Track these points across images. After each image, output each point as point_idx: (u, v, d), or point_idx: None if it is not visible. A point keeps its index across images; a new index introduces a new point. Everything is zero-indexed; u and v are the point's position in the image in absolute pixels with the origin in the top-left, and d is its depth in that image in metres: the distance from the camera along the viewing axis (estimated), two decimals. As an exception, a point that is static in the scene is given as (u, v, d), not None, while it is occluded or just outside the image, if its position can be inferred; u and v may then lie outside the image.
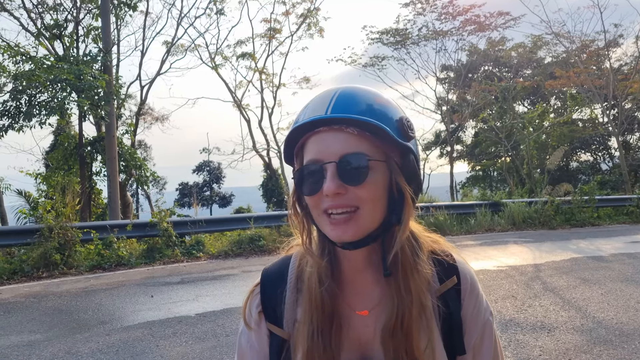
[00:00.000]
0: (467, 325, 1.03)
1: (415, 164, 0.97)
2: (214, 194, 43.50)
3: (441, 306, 1.00)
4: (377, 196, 0.93)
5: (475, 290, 1.05)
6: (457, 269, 1.03)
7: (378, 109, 0.94)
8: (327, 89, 1.00)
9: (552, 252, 10.31)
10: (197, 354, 4.89)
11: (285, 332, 1.02)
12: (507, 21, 24.65)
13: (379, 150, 0.94)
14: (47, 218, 9.78)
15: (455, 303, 1.02)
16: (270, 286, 1.07)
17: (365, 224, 0.93)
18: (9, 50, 12.45)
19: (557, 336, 5.22)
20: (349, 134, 0.92)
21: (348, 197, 0.91)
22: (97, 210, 17.27)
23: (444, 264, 1.03)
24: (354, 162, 0.91)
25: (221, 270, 9.33)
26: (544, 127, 24.55)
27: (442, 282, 1.02)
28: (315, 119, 0.93)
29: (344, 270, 1.02)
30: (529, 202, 15.75)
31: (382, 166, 0.93)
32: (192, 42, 21.97)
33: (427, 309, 0.98)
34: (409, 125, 0.96)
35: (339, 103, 0.94)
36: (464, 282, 1.03)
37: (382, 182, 0.94)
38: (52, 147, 19.55)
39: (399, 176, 0.94)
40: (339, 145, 0.92)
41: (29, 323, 6.12)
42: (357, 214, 0.92)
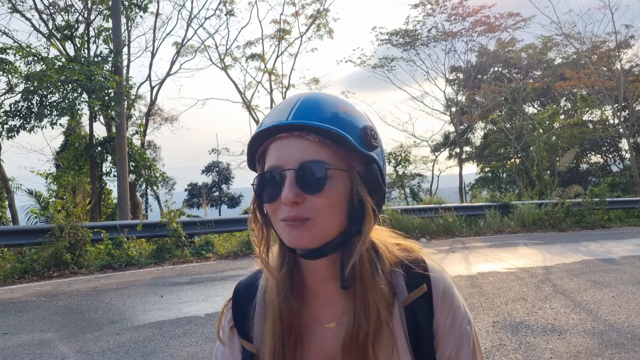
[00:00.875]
0: (440, 336, 0.98)
1: (379, 174, 0.95)
2: (222, 194, 43.63)
3: (409, 317, 0.97)
4: (335, 205, 0.90)
5: (449, 299, 0.99)
6: (427, 277, 0.99)
7: (341, 117, 0.93)
8: (293, 95, 0.99)
9: (563, 254, 10.25)
10: (207, 354, 4.90)
11: (254, 347, 1.01)
12: (517, 22, 24.56)
13: (340, 159, 0.91)
14: (58, 218, 9.85)
15: (426, 313, 0.97)
16: (241, 300, 1.06)
17: (321, 232, 0.90)
18: (21, 51, 12.54)
19: (568, 339, 5.18)
20: (310, 141, 0.91)
21: (305, 207, 0.89)
22: (107, 210, 17.38)
23: (414, 274, 0.99)
24: (313, 170, 0.89)
25: (230, 271, 9.35)
26: (554, 128, 24.40)
27: (411, 292, 0.98)
28: (275, 124, 0.92)
29: (308, 282, 1.00)
30: (539, 203, 15.67)
31: (342, 175, 0.91)
32: (201, 43, 22.06)
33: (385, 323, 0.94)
34: (372, 135, 0.94)
35: (301, 109, 0.92)
36: (436, 290, 0.98)
37: (342, 192, 0.91)
38: (62, 148, 19.69)
39: (360, 186, 0.92)
40: (298, 153, 0.90)
41: (40, 322, 6.15)
42: (310, 223, 0.89)
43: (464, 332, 0.99)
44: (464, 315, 1.01)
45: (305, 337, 0.98)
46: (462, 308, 1.01)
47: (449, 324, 0.98)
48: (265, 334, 0.98)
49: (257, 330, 1.01)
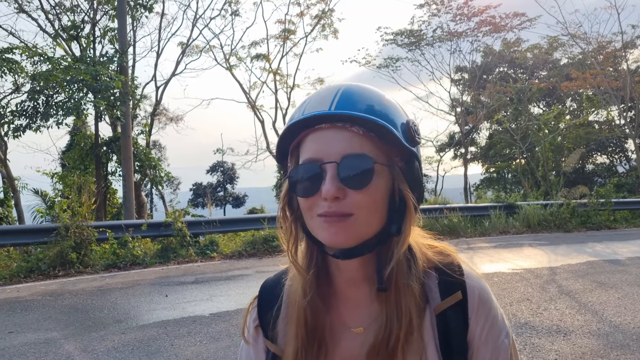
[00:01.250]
0: (475, 348, 0.92)
1: (419, 172, 0.91)
2: (227, 194, 43.71)
3: (441, 325, 0.91)
4: (377, 202, 0.86)
5: (486, 308, 0.93)
6: (463, 284, 0.92)
7: (385, 110, 0.88)
8: (331, 84, 0.94)
9: (568, 255, 10.21)
10: (212, 353, 4.91)
11: (278, 349, 0.97)
12: (522, 22, 24.53)
13: (382, 153, 0.87)
14: (64, 217, 9.88)
15: (459, 322, 0.91)
16: (267, 300, 1.02)
17: (360, 231, 0.85)
18: (27, 51, 12.60)
19: (573, 340, 5.16)
20: (353, 133, 0.85)
21: (346, 202, 0.84)
22: (112, 209, 17.44)
23: (449, 279, 0.93)
24: (358, 164, 0.84)
25: (235, 271, 9.36)
26: (559, 129, 24.34)
27: (444, 299, 0.92)
28: (317, 114, 0.86)
29: (337, 284, 0.95)
30: (544, 204, 15.63)
31: (385, 171, 0.87)
32: (207, 43, 22.16)
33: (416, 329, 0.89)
34: (415, 130, 0.90)
35: (344, 99, 0.87)
36: (472, 298, 0.92)
37: (384, 188, 0.87)
38: (68, 147, 19.79)
39: (402, 183, 0.88)
40: (341, 145, 0.85)
41: (46, 321, 6.18)
42: (351, 219, 0.84)
43: (501, 346, 0.92)
44: (502, 327, 0.94)
45: (330, 341, 0.94)
46: (500, 319, 0.95)
47: (485, 335, 0.92)
48: (288, 337, 0.94)
49: (281, 332, 0.97)
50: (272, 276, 1.06)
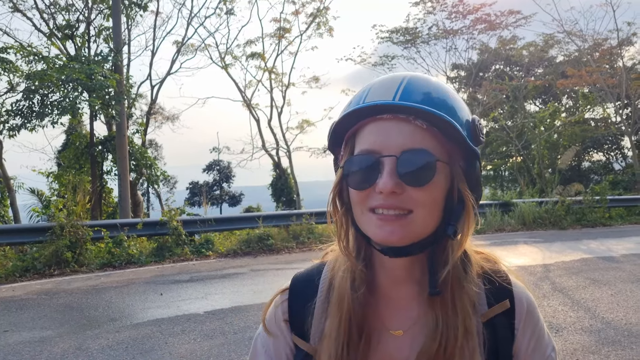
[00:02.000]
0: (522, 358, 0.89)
1: (479, 172, 0.87)
2: (223, 193, 43.69)
3: (487, 333, 0.87)
4: (435, 201, 0.81)
5: (534, 320, 0.91)
6: (511, 292, 0.90)
7: (451, 105, 0.83)
8: (392, 74, 0.88)
9: (562, 253, 10.26)
10: (205, 351, 4.93)
11: (311, 347, 0.91)
12: (518, 20, 24.58)
13: (444, 150, 0.82)
14: (59, 216, 9.89)
15: (506, 332, 0.88)
16: (299, 294, 0.96)
17: (416, 230, 0.81)
18: (22, 50, 12.58)
19: (565, 336, 5.21)
20: (417, 126, 0.81)
21: (403, 198, 0.80)
22: (108, 209, 17.43)
23: (496, 286, 0.89)
24: (418, 160, 0.79)
25: (230, 269, 9.38)
26: (555, 126, 24.39)
27: (491, 306, 0.89)
28: (380, 103, 0.81)
29: (380, 282, 0.91)
30: (540, 202, 15.67)
31: (446, 169, 0.82)
32: (202, 41, 22.10)
33: (472, 335, 0.85)
34: (480, 129, 0.86)
35: (410, 90, 0.82)
36: (519, 308, 0.89)
37: (443, 187, 0.82)
38: (63, 146, 19.74)
39: (462, 182, 0.84)
40: (402, 138, 0.80)
41: (41, 320, 6.19)
42: (409, 218, 0.80)
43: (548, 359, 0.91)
44: (548, 341, 0.92)
45: (373, 341, 0.89)
46: (546, 332, 0.93)
47: (532, 348, 0.90)
48: (328, 334, 0.89)
49: (315, 329, 0.92)
50: (304, 270, 1.01)
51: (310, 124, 23.79)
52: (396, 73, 0.88)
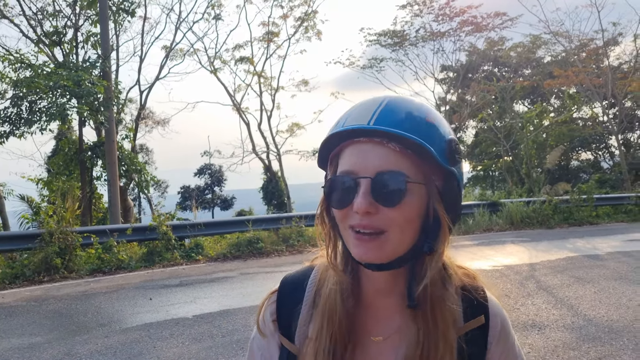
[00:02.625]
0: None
1: (458, 191, 0.90)
2: (215, 196, 43.58)
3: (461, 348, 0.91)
4: (409, 220, 0.85)
5: (505, 336, 0.96)
6: (486, 308, 0.94)
7: (426, 127, 0.87)
8: (375, 97, 0.92)
9: (549, 251, 10.39)
10: (194, 354, 4.99)
11: (295, 347, 0.96)
12: (504, 22, 24.76)
13: (419, 171, 0.86)
14: (49, 223, 9.91)
15: (480, 346, 0.93)
16: (287, 296, 1.00)
17: (391, 248, 0.86)
18: (8, 58, 12.59)
19: (547, 334, 5.30)
20: (390, 149, 0.85)
21: (378, 218, 0.84)
22: (98, 214, 17.41)
23: (473, 302, 0.94)
24: (391, 181, 0.83)
25: (219, 273, 9.43)
26: (543, 126, 24.59)
27: (467, 321, 0.93)
28: (356, 127, 0.86)
29: (366, 291, 0.95)
30: (527, 201, 15.82)
31: (420, 189, 0.86)
32: (191, 46, 22.23)
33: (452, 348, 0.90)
34: (456, 149, 0.88)
35: (385, 114, 0.86)
36: (493, 324, 0.94)
37: (418, 206, 0.86)
38: (53, 152, 19.72)
39: (437, 202, 0.87)
40: (378, 161, 0.85)
41: (30, 326, 6.23)
42: (384, 237, 0.85)
43: None
44: (517, 355, 0.98)
45: (357, 349, 0.94)
46: (517, 347, 0.98)
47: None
48: (313, 337, 0.93)
49: (300, 332, 0.96)
50: (294, 272, 1.05)
51: (300, 127, 23.87)
52: (378, 96, 0.92)
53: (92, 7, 15.30)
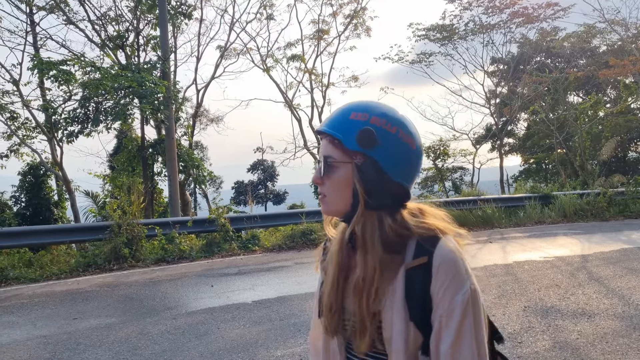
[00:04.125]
0: (435, 301, 1.16)
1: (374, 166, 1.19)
2: (268, 191, 44.36)
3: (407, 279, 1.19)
4: (338, 189, 1.22)
5: (445, 271, 1.16)
6: (431, 252, 1.18)
7: (346, 122, 1.22)
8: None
9: (602, 244, 10.28)
10: (254, 335, 5.37)
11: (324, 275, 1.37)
12: (556, 12, 24.17)
13: (345, 154, 1.21)
14: (114, 216, 10.57)
15: (422, 278, 1.18)
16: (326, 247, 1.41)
17: (331, 207, 1.25)
18: (79, 62, 13.39)
19: (596, 322, 5.36)
20: (327, 141, 1.24)
21: (323, 187, 1.25)
22: (159, 208, 18.20)
23: (423, 247, 1.20)
24: (325, 162, 1.23)
25: (275, 262, 9.83)
26: (597, 117, 23.89)
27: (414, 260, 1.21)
28: (316, 130, 1.30)
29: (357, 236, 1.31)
30: (581, 194, 15.55)
31: (346, 167, 1.21)
32: (244, 46, 22.68)
33: (387, 272, 1.20)
34: (368, 135, 1.18)
35: (330, 119, 1.25)
36: (435, 262, 1.17)
37: (346, 179, 1.21)
38: (116, 150, 20.65)
39: (355, 176, 1.20)
40: (323, 149, 1.25)
41: (105, 309, 6.77)
42: (326, 199, 1.25)
43: (456, 303, 1.14)
44: (459, 287, 1.16)
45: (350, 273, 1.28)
46: (460, 280, 1.16)
47: (443, 291, 1.16)
48: (328, 270, 1.32)
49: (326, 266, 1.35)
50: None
51: (350, 122, 24.04)
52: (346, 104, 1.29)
53: (152, 12, 15.97)
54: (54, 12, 16.14)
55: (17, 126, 14.53)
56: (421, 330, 1.18)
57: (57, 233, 10.69)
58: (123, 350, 5.06)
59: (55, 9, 16.04)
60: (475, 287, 1.18)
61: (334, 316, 1.29)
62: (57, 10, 16.09)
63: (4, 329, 6.02)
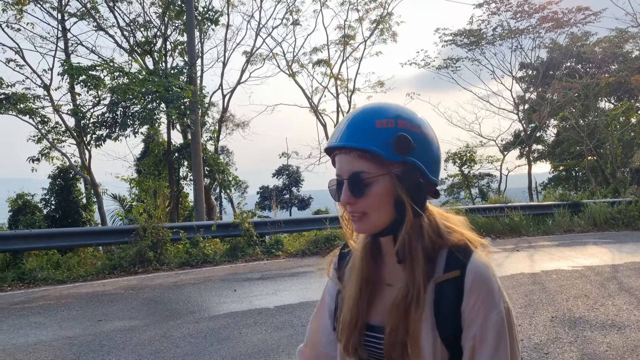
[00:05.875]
0: (466, 318, 1.12)
1: (417, 172, 1.15)
2: (293, 197, 44.46)
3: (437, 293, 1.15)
4: (381, 204, 1.15)
5: (479, 287, 1.13)
6: (464, 265, 1.14)
7: (375, 132, 1.14)
8: (348, 114, 1.24)
9: (633, 253, 10.01)
10: (276, 340, 5.34)
11: (341, 285, 1.33)
12: (587, 16, 23.75)
13: (379, 166, 1.14)
14: (141, 219, 10.70)
15: (453, 294, 1.14)
16: (343, 254, 1.37)
17: (373, 224, 1.17)
18: (108, 67, 13.64)
19: (627, 334, 5.21)
20: (353, 157, 1.15)
21: (358, 205, 1.16)
22: (184, 212, 18.39)
23: (455, 259, 1.16)
24: (357, 179, 1.14)
25: (298, 268, 9.82)
26: (630, 124, 23.35)
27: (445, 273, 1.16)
28: (330, 146, 1.20)
29: (384, 252, 1.26)
30: (612, 202, 15.19)
31: (384, 179, 1.14)
32: (270, 51, 22.82)
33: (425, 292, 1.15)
34: (404, 141, 1.13)
35: (347, 132, 1.16)
36: (468, 277, 1.13)
37: (386, 191, 1.15)
38: (142, 154, 20.92)
39: (398, 186, 1.14)
40: (348, 166, 1.16)
41: (129, 311, 6.85)
42: (366, 217, 1.17)
43: (490, 321, 1.11)
44: (493, 306, 1.12)
45: (376, 289, 1.25)
46: (493, 299, 1.13)
47: (476, 310, 1.12)
48: (350, 281, 1.27)
49: (346, 276, 1.30)
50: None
51: (375, 128, 23.99)
52: (350, 112, 1.23)
53: (179, 18, 16.20)
54: (85, 18, 16.48)
55: (47, 130, 14.81)
56: (448, 349, 1.14)
57: (85, 235, 10.88)
58: (146, 352, 5.09)
59: (86, 16, 16.38)
60: (509, 306, 1.15)
61: (359, 333, 1.24)
62: (87, 16, 16.43)
63: (31, 329, 6.12)
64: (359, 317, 1.23)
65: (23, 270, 9.53)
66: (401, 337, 1.16)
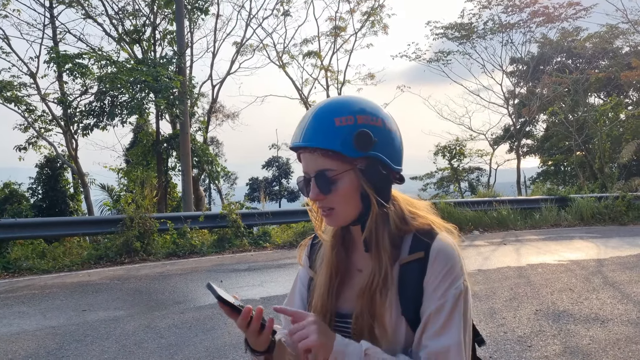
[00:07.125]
0: (426, 294, 1.17)
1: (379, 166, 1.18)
2: (282, 188, 44.39)
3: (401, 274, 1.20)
4: (347, 198, 1.19)
5: (440, 264, 1.17)
6: (428, 246, 1.20)
7: (334, 130, 1.16)
8: (307, 112, 1.24)
9: (619, 248, 10.09)
10: (261, 331, 5.33)
11: (313, 273, 1.38)
12: (577, 11, 23.80)
13: (343, 163, 1.17)
14: (129, 209, 10.62)
15: (416, 273, 1.18)
16: (315, 244, 1.43)
17: (342, 217, 1.22)
18: (95, 55, 13.49)
19: (609, 327, 5.25)
20: (317, 155, 1.18)
21: (326, 201, 1.21)
22: (172, 203, 18.30)
23: (420, 242, 1.21)
24: (322, 177, 1.18)
25: (285, 259, 9.81)
26: (618, 119, 23.50)
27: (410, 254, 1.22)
28: (294, 146, 1.23)
29: (354, 239, 1.31)
30: (599, 197, 15.30)
31: (349, 174, 1.18)
32: (260, 42, 22.68)
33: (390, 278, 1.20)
34: (364, 137, 1.16)
35: (307, 132, 1.18)
36: (432, 255, 1.18)
37: (352, 186, 1.19)
38: (131, 144, 20.79)
39: (363, 181, 1.18)
40: (313, 164, 1.20)
41: (114, 301, 6.80)
42: (334, 212, 1.21)
43: (448, 296, 1.16)
44: (454, 282, 1.17)
45: (345, 276, 1.30)
46: (454, 274, 1.18)
47: (435, 285, 1.17)
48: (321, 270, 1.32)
49: (317, 265, 1.36)
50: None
51: (365, 120, 23.98)
52: (309, 110, 1.24)
53: (169, 7, 16.03)
54: (73, 5, 16.27)
55: (34, 119, 14.65)
56: (411, 326, 1.19)
57: (71, 225, 10.82)
58: (129, 343, 5.06)
59: (74, 3, 16.18)
60: (468, 285, 1.20)
61: (329, 320, 1.28)
62: (75, 4, 16.22)
63: (15, 318, 6.07)
64: (329, 304, 1.28)
65: (8, 260, 9.44)
66: (368, 322, 1.21)
